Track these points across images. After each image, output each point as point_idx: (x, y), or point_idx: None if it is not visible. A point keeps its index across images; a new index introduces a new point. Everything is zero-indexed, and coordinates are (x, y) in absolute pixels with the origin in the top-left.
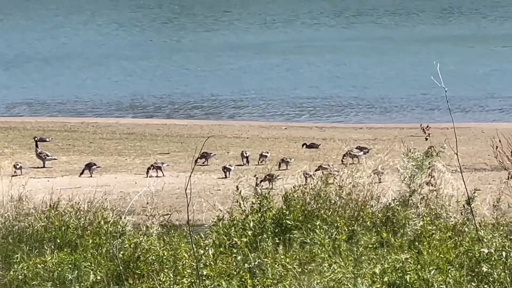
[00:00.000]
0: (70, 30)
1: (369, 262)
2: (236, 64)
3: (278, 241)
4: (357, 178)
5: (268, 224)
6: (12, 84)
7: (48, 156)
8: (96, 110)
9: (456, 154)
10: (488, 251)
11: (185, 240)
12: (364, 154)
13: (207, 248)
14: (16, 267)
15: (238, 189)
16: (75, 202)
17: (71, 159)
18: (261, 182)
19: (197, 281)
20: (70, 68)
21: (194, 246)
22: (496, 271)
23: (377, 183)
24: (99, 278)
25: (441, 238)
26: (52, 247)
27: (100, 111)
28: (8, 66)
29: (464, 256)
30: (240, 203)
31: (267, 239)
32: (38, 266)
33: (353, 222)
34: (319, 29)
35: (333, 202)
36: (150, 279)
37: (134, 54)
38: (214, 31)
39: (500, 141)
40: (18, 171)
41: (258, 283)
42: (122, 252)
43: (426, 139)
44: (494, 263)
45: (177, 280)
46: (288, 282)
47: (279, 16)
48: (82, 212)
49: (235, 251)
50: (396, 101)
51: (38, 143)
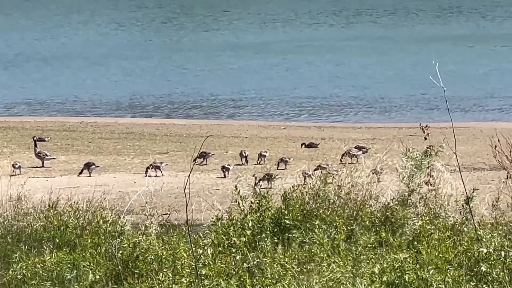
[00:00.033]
0: (69, 30)
1: (368, 261)
2: (235, 64)
3: (277, 240)
4: (356, 177)
5: (267, 224)
6: (12, 84)
7: (47, 155)
8: (95, 110)
9: (455, 154)
10: (487, 251)
11: (184, 240)
12: (363, 153)
13: (206, 247)
14: (15, 267)
15: (237, 188)
16: (74, 202)
17: (70, 158)
18: (260, 182)
19: (196, 280)
20: (70, 68)
21: (193, 246)
22: (495, 271)
23: (376, 182)
24: (98, 277)
25: (440, 238)
26: (51, 247)
27: (99, 111)
28: (7, 65)
29: (463, 256)
30: (239, 203)
31: (266, 239)
32: (37, 265)
33: (352, 222)
34: (319, 28)
35: (332, 201)
36: (149, 279)
37: (133, 54)
38: (214, 31)
39: (499, 140)
40: (17, 170)
41: (257, 282)
42: (121, 252)
43: (425, 138)
44: (493, 262)
45: (176, 280)
46: (287, 282)
47: (279, 16)
48: (81, 212)
49: (234, 251)
50: (395, 100)
51: (37, 142)
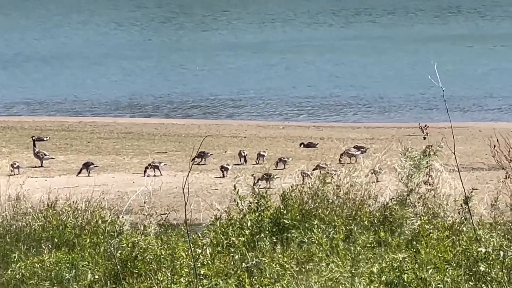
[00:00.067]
0: (69, 30)
1: (366, 261)
2: (234, 64)
3: (275, 240)
4: (354, 177)
5: (265, 224)
6: (11, 84)
7: (45, 155)
8: (94, 110)
9: (454, 154)
10: (485, 251)
11: (182, 239)
12: (362, 153)
13: (205, 247)
14: (13, 266)
15: (236, 188)
16: (73, 202)
17: (69, 158)
18: (258, 182)
19: (194, 280)
20: (69, 68)
21: (191, 246)
22: (494, 271)
23: (374, 182)
24: (96, 277)
25: (438, 238)
26: (50, 247)
27: (98, 111)
28: (7, 65)
29: (462, 256)
30: (237, 203)
31: (265, 239)
32: (36, 265)
33: (350, 222)
34: (318, 28)
35: (330, 201)
36: (148, 279)
37: (133, 54)
38: (213, 31)
39: (498, 140)
40: (16, 170)
41: (256, 282)
42: (119, 252)
43: (424, 138)
44: (492, 262)
45: (174, 280)
46: (286, 282)
47: (278, 16)
48: (79, 212)
49: (232, 251)
50: (394, 100)
51: (36, 142)
